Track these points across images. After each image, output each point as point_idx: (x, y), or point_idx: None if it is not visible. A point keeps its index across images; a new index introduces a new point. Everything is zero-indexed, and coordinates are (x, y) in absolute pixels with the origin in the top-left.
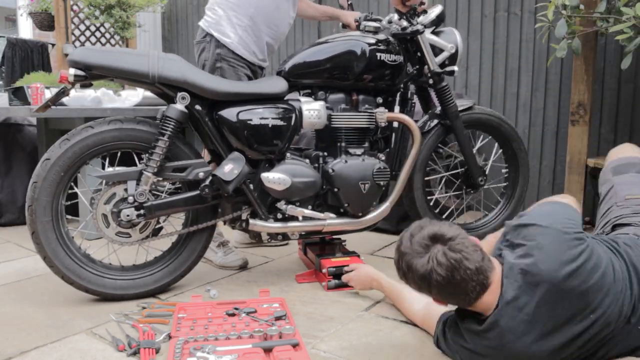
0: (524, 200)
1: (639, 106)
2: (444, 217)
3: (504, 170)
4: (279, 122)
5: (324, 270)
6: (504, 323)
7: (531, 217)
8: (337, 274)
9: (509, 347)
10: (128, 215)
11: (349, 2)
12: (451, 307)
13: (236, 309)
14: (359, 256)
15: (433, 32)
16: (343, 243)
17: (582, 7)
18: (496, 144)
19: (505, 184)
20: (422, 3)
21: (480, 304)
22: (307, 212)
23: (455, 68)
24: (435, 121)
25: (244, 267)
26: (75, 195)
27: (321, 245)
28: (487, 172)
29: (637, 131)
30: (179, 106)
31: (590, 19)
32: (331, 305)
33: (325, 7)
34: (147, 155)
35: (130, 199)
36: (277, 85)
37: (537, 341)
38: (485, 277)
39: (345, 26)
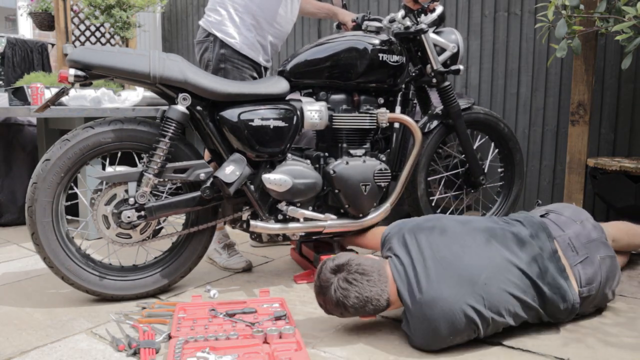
0: (521, 199)
1: (639, 106)
2: None
3: (499, 170)
4: (281, 123)
5: None
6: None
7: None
8: None
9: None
10: (129, 217)
11: (343, 2)
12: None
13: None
14: (357, 254)
15: (434, 32)
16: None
17: (582, 7)
18: (492, 144)
19: (501, 183)
20: (434, 0)
21: (393, 299)
22: (308, 213)
23: (461, 67)
24: (436, 121)
25: (247, 270)
26: (75, 196)
27: (317, 243)
28: (485, 172)
29: (637, 131)
30: (180, 107)
31: (590, 19)
32: None
33: (323, 3)
34: (147, 155)
35: (131, 200)
36: (279, 85)
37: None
38: (385, 275)
39: (340, 26)
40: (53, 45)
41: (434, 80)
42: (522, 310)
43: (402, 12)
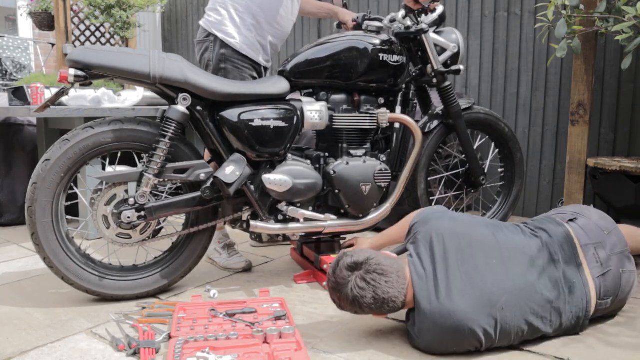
0: (521, 199)
1: (639, 106)
2: None
3: (500, 170)
4: (281, 123)
5: (325, 267)
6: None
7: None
8: None
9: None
10: (129, 217)
11: (344, 2)
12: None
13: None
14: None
15: (434, 32)
16: (341, 241)
17: (582, 7)
18: (492, 144)
19: (501, 183)
20: (435, 0)
21: (408, 300)
22: (308, 213)
23: (461, 67)
24: (437, 121)
25: (247, 270)
26: (75, 196)
27: (318, 243)
28: (486, 172)
29: (637, 131)
30: (180, 108)
31: (590, 19)
32: (331, 305)
33: (324, 3)
34: (147, 156)
35: (131, 200)
36: (279, 85)
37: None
38: (404, 276)
39: (341, 26)
40: (53, 45)
41: (435, 80)
42: (530, 335)
43: (402, 12)
